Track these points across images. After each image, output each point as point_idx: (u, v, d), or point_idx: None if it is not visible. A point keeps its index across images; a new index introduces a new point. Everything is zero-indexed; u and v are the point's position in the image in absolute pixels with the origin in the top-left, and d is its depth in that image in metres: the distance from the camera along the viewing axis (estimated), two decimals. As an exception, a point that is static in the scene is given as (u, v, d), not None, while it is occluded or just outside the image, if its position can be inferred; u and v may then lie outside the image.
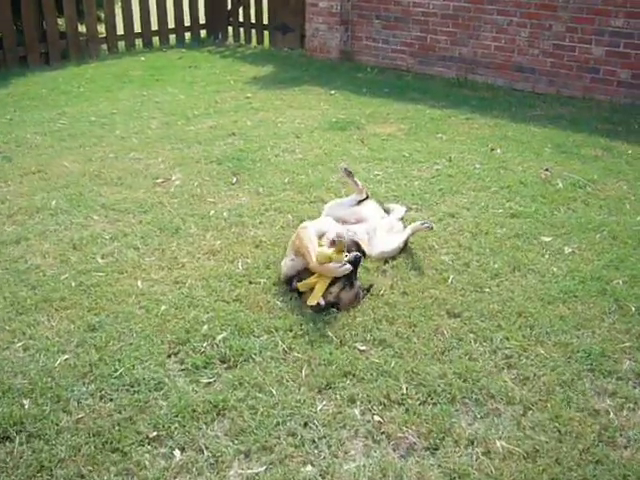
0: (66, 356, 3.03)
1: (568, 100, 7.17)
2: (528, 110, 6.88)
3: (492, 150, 5.69)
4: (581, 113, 6.75)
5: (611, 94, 7.03)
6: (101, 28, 9.41)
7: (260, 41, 10.13)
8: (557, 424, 2.66)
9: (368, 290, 3.53)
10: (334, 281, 3.39)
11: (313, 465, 2.47)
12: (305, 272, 3.49)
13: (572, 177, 5.05)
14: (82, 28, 9.20)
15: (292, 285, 3.51)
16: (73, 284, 3.61)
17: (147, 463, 2.46)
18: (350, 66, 8.72)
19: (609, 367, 2.99)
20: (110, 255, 3.94)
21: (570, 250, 3.99)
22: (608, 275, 3.70)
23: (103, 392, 2.81)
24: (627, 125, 6.33)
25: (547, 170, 5.18)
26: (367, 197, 4.27)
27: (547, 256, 3.93)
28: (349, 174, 4.28)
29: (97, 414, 2.68)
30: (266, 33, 10.03)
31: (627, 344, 3.15)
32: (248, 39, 10.25)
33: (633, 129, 6.22)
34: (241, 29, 10.32)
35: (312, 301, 3.34)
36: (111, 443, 2.54)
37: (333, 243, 3.47)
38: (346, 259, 3.38)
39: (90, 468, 2.43)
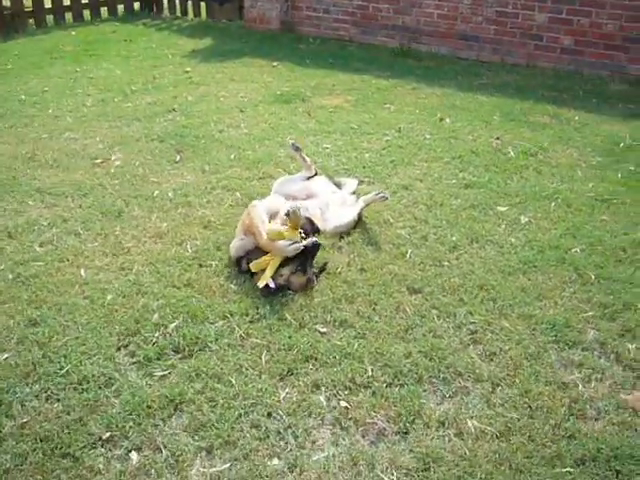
0: (6, 355, 2.81)
1: (512, 68, 7.15)
2: (474, 79, 6.82)
3: (441, 120, 5.60)
4: (526, 81, 6.73)
5: (555, 61, 7.02)
6: (27, 2, 8.90)
7: (197, 13, 9.76)
8: (527, 399, 2.60)
9: (322, 269, 3.40)
10: (285, 262, 3.25)
11: (280, 458, 2.35)
12: (255, 252, 3.34)
13: (523, 145, 5.01)
14: (6, 2, 8.68)
15: (242, 266, 3.37)
16: (10, 276, 3.37)
17: (101, 467, 2.30)
18: (291, 37, 8.49)
19: (574, 338, 2.96)
20: (49, 243, 3.69)
21: (526, 219, 3.94)
22: (566, 244, 3.67)
23: (49, 392, 2.61)
24: (572, 92, 6.33)
25: (498, 139, 5.13)
26: (316, 174, 4.14)
27: (504, 226, 3.87)
28: (297, 149, 4.14)
29: (43, 417, 2.50)
30: (203, 5, 9.67)
31: (590, 313, 3.11)
32: (184, 11, 9.87)
33: (578, 96, 6.23)
34: (177, 1, 9.92)
35: (261, 282, 3.19)
36: (60, 448, 2.36)
37: (287, 215, 3.33)
38: (303, 243, 3.23)
39: (39, 477, 2.26)
